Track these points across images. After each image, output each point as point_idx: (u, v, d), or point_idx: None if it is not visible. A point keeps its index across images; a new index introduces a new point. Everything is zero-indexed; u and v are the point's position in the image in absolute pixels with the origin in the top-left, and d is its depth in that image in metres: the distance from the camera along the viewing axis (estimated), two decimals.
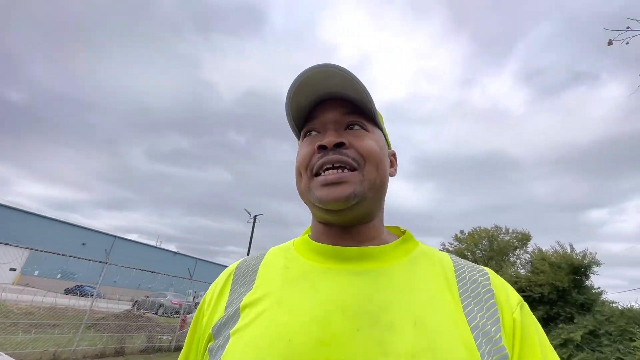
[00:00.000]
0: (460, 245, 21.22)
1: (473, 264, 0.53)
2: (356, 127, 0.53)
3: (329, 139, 0.49)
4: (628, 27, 4.09)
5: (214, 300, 0.52)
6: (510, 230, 20.60)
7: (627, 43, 4.15)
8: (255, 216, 19.70)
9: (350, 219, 0.51)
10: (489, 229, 20.86)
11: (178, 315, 14.95)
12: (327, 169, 0.49)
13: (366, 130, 0.53)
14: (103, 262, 7.26)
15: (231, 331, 0.44)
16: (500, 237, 20.54)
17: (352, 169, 0.49)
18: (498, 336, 0.42)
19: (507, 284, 0.51)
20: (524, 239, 20.00)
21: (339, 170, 0.49)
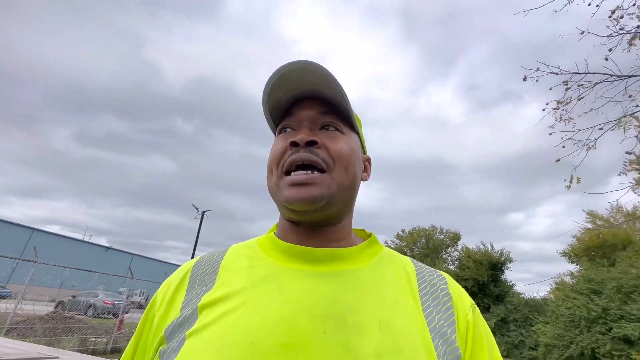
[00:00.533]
0: (401, 243, 22.91)
1: (432, 268, 0.55)
2: (331, 128, 0.54)
3: (301, 136, 0.50)
4: (538, 68, 5.02)
5: (166, 300, 0.49)
6: (444, 230, 22.83)
7: (537, 80, 5.09)
8: (203, 212, 18.93)
9: (317, 220, 0.51)
10: (427, 228, 22.85)
11: (113, 316, 13.86)
12: (298, 167, 0.50)
13: (341, 132, 0.54)
14: (32, 261, 6.56)
15: (187, 332, 0.41)
16: (436, 236, 22.64)
17: (322, 171, 0.49)
18: (453, 337, 0.44)
19: (462, 288, 0.53)
20: (455, 238, 22.32)
21: (308, 172, 0.49)
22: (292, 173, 0.50)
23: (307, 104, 0.54)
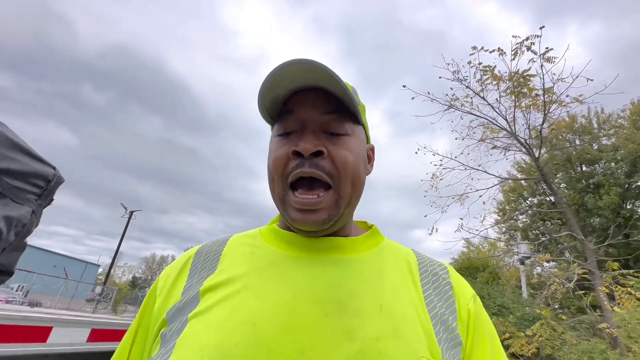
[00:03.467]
0: None
1: (434, 258, 0.56)
2: (335, 134, 0.50)
3: (306, 147, 0.47)
4: (425, 147, 7.04)
5: (168, 285, 0.50)
6: None
7: (424, 154, 7.10)
8: (131, 212, 17.67)
9: (321, 234, 0.52)
10: None
11: None
12: (302, 179, 0.48)
13: (347, 134, 0.51)
14: None
15: (189, 315, 0.43)
16: None
17: (327, 187, 0.49)
18: (454, 324, 0.45)
19: (463, 278, 0.55)
20: None
21: (314, 195, 0.48)
22: (297, 192, 0.49)
23: (309, 102, 0.50)
